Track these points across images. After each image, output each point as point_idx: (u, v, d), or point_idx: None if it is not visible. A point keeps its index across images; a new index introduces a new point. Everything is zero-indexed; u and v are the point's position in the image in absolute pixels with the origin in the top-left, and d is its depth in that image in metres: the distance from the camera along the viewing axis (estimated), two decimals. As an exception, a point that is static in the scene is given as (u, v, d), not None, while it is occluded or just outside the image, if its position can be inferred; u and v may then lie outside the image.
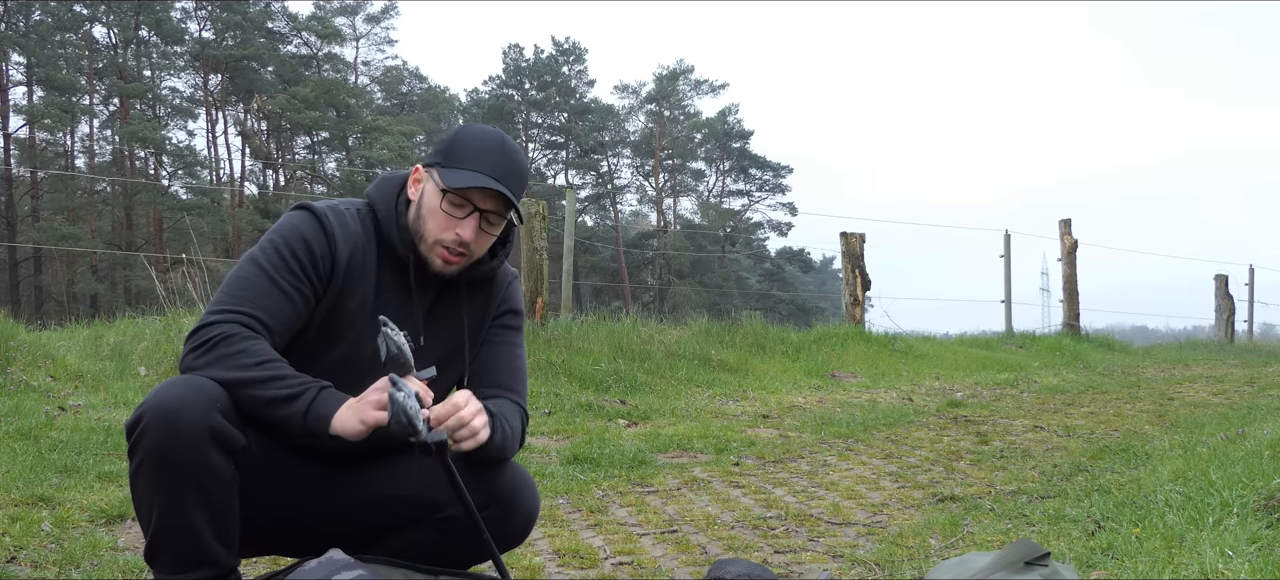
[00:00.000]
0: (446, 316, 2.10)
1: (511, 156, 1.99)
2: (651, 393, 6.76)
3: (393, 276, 2.04)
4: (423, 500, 2.09)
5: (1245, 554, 2.33)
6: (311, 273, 1.96)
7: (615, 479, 3.98)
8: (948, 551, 2.81)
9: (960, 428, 5.48)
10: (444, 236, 1.98)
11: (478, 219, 1.98)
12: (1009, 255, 13.13)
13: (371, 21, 46.67)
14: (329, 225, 1.98)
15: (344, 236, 1.99)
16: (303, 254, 1.95)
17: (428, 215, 1.99)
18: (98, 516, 3.10)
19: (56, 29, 35.97)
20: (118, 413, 4.81)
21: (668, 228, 50.17)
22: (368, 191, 2.09)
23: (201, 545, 1.85)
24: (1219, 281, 15.28)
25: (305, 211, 2.01)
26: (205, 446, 1.80)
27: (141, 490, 1.84)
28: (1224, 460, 3.46)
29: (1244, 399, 6.63)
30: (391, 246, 2.03)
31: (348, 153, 42.65)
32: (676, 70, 51.12)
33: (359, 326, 2.00)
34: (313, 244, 1.96)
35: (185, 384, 1.84)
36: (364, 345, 1.98)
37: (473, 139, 2.00)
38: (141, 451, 1.81)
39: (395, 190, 2.06)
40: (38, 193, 36.39)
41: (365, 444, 2.07)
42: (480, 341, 2.14)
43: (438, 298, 2.09)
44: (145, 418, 1.81)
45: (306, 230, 1.97)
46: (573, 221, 9.20)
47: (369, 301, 2.01)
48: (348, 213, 2.03)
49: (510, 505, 2.10)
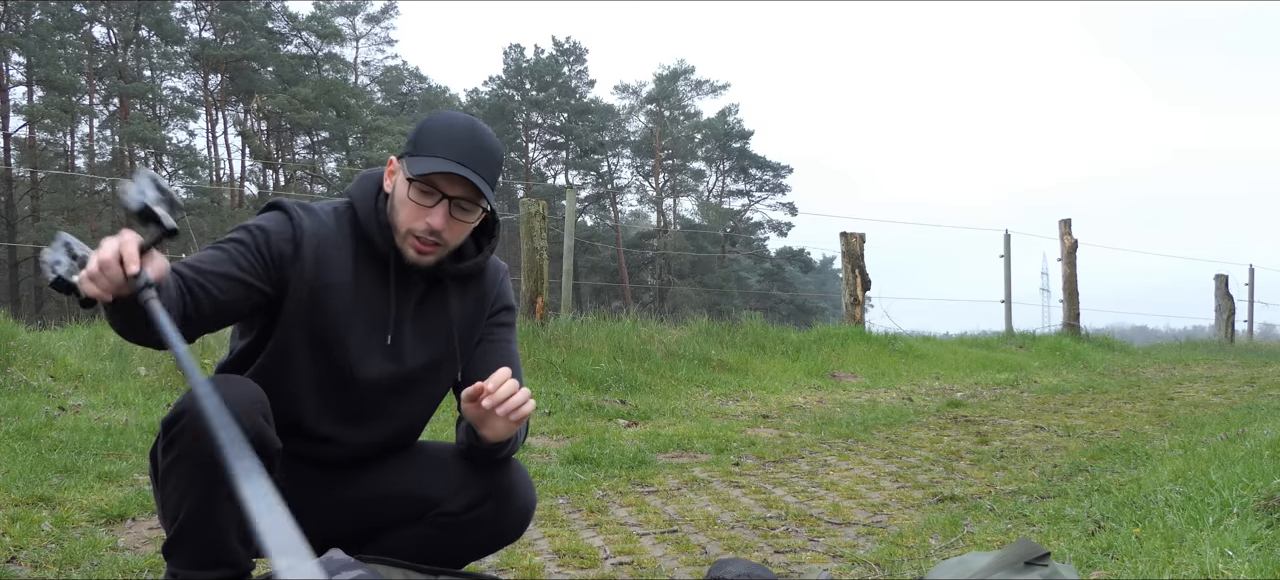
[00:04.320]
0: (435, 313, 2.06)
1: (480, 141, 1.94)
2: (651, 393, 6.76)
3: (372, 272, 2.01)
4: (419, 497, 2.10)
5: (1245, 554, 2.32)
6: (265, 251, 1.92)
7: (615, 479, 3.98)
8: (948, 551, 2.81)
9: (960, 428, 5.48)
10: (414, 226, 1.93)
11: (447, 206, 1.92)
12: (1009, 255, 13.12)
13: (371, 21, 46.73)
14: (294, 215, 1.96)
15: (310, 226, 1.96)
16: (258, 234, 1.92)
17: (399, 206, 1.95)
18: (98, 516, 3.10)
19: (56, 29, 35.95)
20: (118, 413, 4.81)
21: (668, 228, 50.17)
22: (348, 190, 2.06)
23: (224, 545, 1.85)
24: (1219, 281, 15.27)
25: (273, 207, 2.00)
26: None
27: (172, 485, 1.84)
28: (1224, 460, 3.46)
29: (1244, 399, 6.63)
30: (371, 243, 2.00)
31: (348, 153, 42.63)
32: (677, 70, 51.13)
33: (341, 324, 1.97)
34: (270, 229, 1.93)
35: (228, 383, 1.84)
36: (348, 343, 1.97)
37: (439, 125, 1.95)
38: (179, 446, 1.81)
39: (374, 187, 2.02)
40: (38, 193, 36.37)
41: (363, 447, 2.08)
42: (476, 340, 2.12)
43: (425, 295, 2.05)
44: (186, 415, 1.80)
45: (267, 219, 1.96)
46: (573, 221, 9.20)
47: (348, 298, 1.98)
48: (321, 210, 2.01)
49: (507, 500, 2.10)
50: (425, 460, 2.15)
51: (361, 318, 1.99)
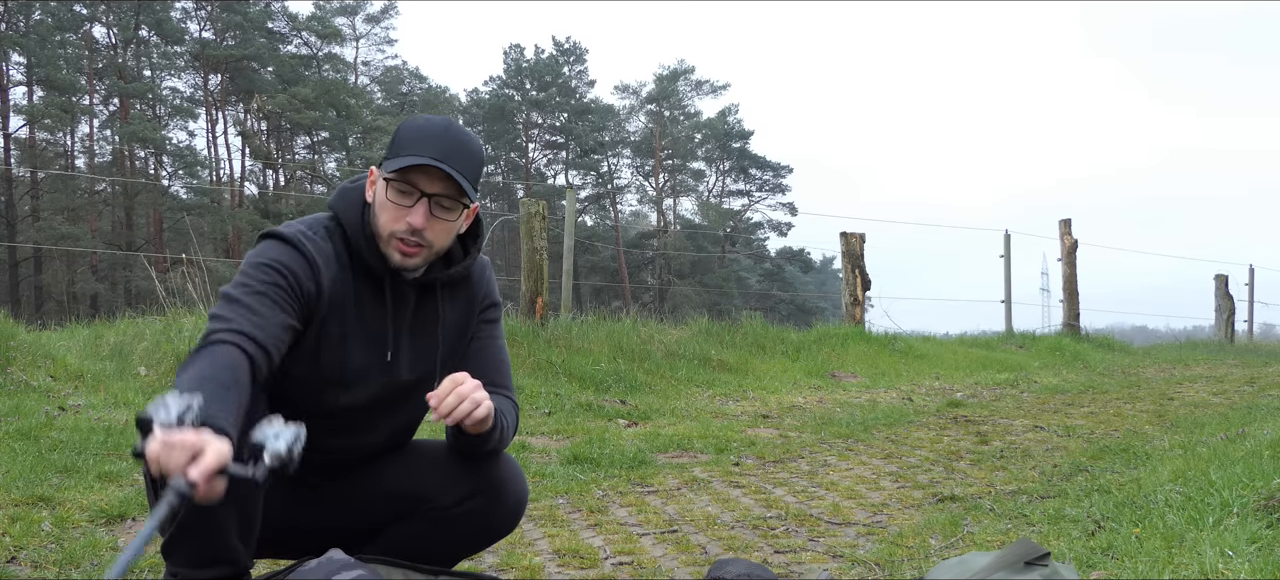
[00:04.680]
0: (427, 321, 2.05)
1: (456, 138, 1.91)
2: (651, 393, 6.76)
3: (368, 290, 1.98)
4: (412, 495, 2.11)
5: (1245, 554, 2.32)
6: (298, 292, 1.89)
7: (615, 479, 3.98)
8: (948, 551, 2.81)
9: (960, 428, 5.48)
10: (396, 228, 1.90)
11: (427, 204, 1.89)
12: (1009, 255, 13.12)
13: (371, 21, 46.75)
14: (305, 250, 1.91)
15: (323, 261, 1.93)
16: (288, 276, 1.88)
17: (380, 210, 1.92)
18: (98, 516, 3.10)
19: (56, 29, 35.95)
20: (118, 413, 4.81)
21: (668, 228, 50.17)
22: (330, 203, 2.01)
23: (224, 543, 1.85)
24: (1219, 281, 15.27)
25: (278, 240, 1.93)
26: None
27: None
28: (1224, 460, 3.46)
29: (1244, 399, 6.63)
30: (362, 258, 1.96)
31: (348, 153, 42.64)
32: (677, 70, 51.15)
33: (342, 348, 1.96)
34: (294, 268, 1.89)
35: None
36: (349, 364, 1.96)
37: (414, 127, 1.93)
38: None
39: (358, 200, 1.98)
40: (38, 193, 36.37)
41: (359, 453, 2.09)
42: (469, 340, 2.12)
43: (418, 303, 2.03)
44: None
45: (286, 257, 1.90)
46: (573, 221, 9.20)
47: (350, 320, 1.97)
48: (313, 234, 1.95)
49: (498, 494, 2.10)
50: (418, 458, 2.15)
51: (360, 338, 1.98)
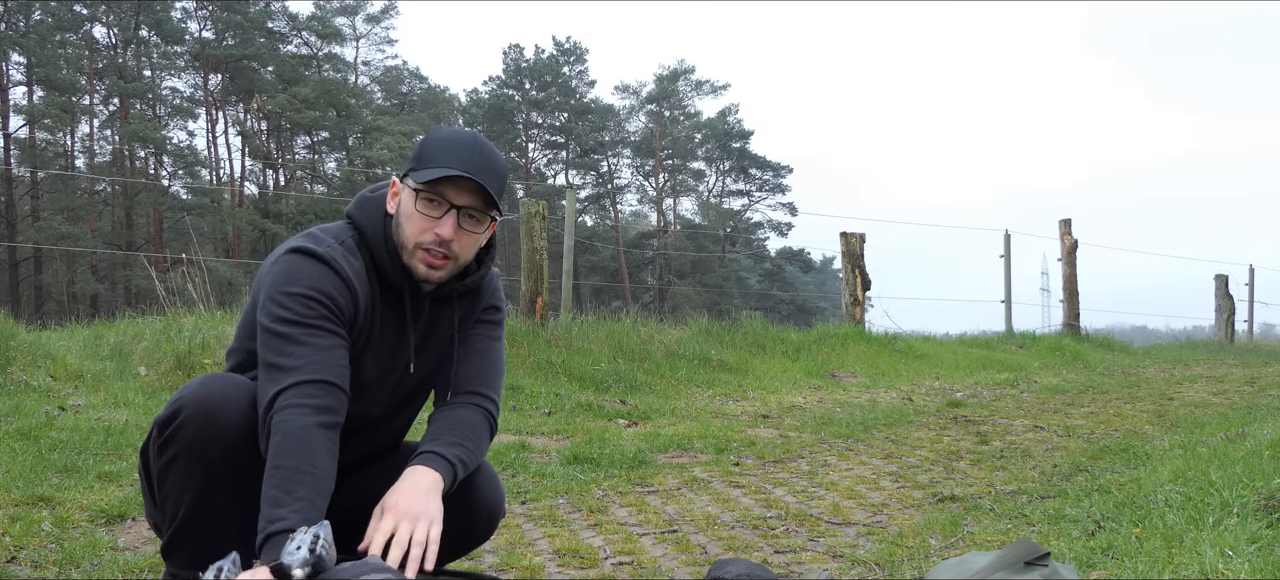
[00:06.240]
0: (437, 330, 2.05)
1: (484, 151, 1.90)
2: (651, 393, 6.76)
3: (388, 303, 1.97)
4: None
5: (1245, 554, 2.32)
6: (342, 318, 1.88)
7: (615, 479, 3.98)
8: (948, 551, 2.81)
9: (960, 428, 5.48)
10: (423, 239, 1.88)
11: (456, 216, 1.88)
12: (1009, 255, 13.12)
13: (371, 21, 46.75)
14: (345, 273, 1.89)
15: (358, 282, 1.91)
16: (330, 306, 1.85)
17: (405, 221, 1.90)
18: (98, 516, 3.10)
19: (56, 29, 35.95)
20: (118, 413, 4.80)
21: (668, 228, 50.16)
22: (350, 213, 1.99)
23: (225, 543, 1.84)
24: (1219, 281, 15.27)
25: (314, 261, 1.88)
26: (242, 446, 1.80)
27: (171, 483, 1.83)
28: (1224, 460, 3.46)
29: (1244, 399, 6.63)
30: (384, 272, 1.95)
31: (348, 153, 42.64)
32: (677, 70, 51.16)
33: (360, 362, 1.95)
34: (338, 298, 1.87)
35: (225, 381, 1.84)
36: (363, 376, 1.95)
37: (442, 138, 1.91)
38: (176, 445, 1.80)
39: (380, 211, 1.96)
40: (38, 193, 36.37)
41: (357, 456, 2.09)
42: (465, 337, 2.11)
43: (431, 313, 2.03)
44: (184, 412, 1.79)
45: (329, 285, 1.86)
46: (573, 221, 9.20)
47: (372, 333, 1.96)
48: (339, 249, 1.92)
49: (471, 502, 2.08)
50: (400, 464, 2.15)
51: (378, 351, 1.98)
